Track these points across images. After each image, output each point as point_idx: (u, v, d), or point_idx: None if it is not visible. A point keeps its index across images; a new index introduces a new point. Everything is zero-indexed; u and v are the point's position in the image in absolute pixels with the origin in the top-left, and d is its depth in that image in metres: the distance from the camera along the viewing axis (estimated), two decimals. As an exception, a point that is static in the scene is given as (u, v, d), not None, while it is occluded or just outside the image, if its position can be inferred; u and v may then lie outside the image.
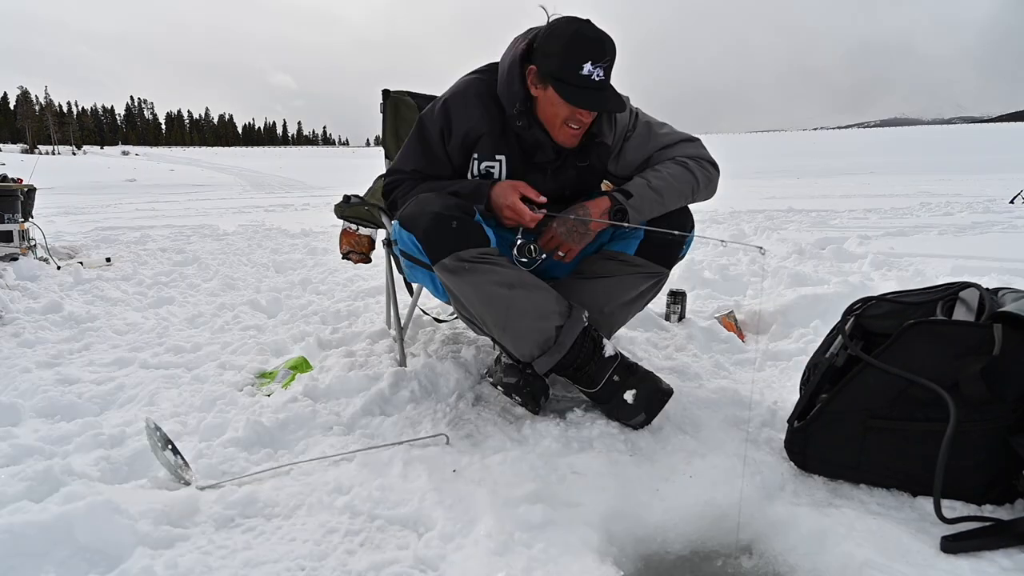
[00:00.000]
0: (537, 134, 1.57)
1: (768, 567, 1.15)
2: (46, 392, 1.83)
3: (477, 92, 1.62)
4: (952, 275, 3.23)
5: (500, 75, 1.60)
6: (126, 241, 5.37)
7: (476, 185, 1.59)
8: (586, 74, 1.43)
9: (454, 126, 1.61)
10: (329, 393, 1.77)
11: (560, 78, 1.45)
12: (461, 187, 1.60)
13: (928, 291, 1.48)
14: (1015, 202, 8.03)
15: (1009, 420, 1.17)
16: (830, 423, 1.30)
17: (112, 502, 1.12)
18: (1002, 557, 1.05)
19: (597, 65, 1.43)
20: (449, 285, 1.53)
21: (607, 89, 1.48)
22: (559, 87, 1.46)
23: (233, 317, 2.74)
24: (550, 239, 1.59)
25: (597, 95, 1.46)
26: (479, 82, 1.63)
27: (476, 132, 1.61)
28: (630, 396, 1.52)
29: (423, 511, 1.23)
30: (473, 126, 1.61)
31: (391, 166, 1.75)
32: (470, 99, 1.61)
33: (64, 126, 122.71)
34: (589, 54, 1.42)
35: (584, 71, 1.42)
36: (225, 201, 11.85)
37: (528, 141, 1.60)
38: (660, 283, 1.71)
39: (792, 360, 2.07)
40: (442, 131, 1.63)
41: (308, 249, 4.89)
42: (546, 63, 1.48)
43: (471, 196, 1.56)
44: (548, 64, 1.47)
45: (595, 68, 1.43)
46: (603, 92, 1.47)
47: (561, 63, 1.44)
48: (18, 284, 3.24)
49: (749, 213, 7.73)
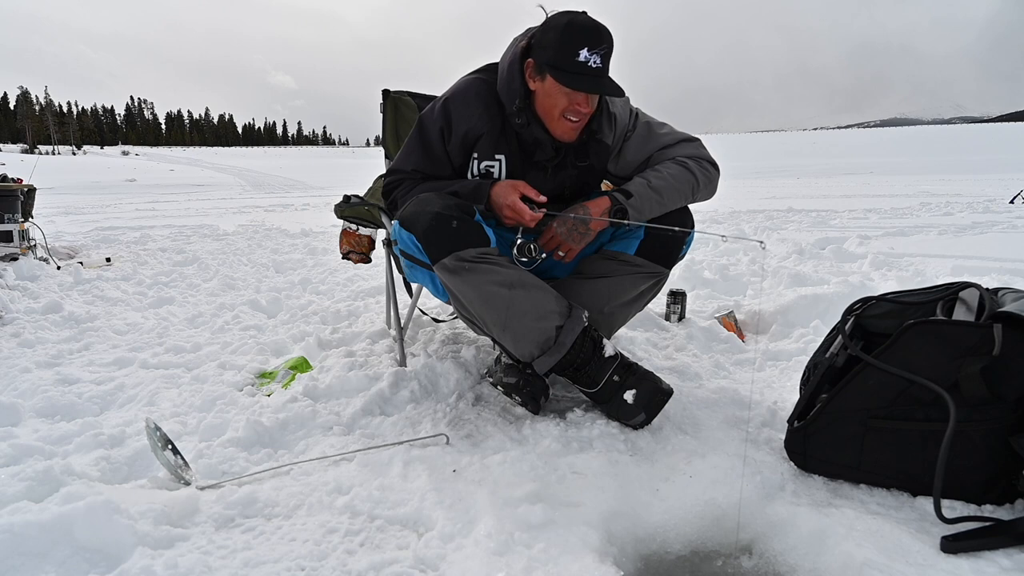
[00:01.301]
0: (536, 131, 1.57)
1: (768, 567, 1.15)
2: (46, 392, 1.83)
3: (477, 92, 1.62)
4: (952, 275, 3.23)
5: (500, 74, 1.60)
6: (126, 241, 5.37)
7: (476, 185, 1.59)
8: (583, 60, 1.43)
9: (454, 126, 1.61)
10: (329, 393, 1.77)
11: (557, 66, 1.45)
12: (461, 187, 1.60)
13: (928, 291, 1.48)
14: (1015, 202, 8.03)
15: (1009, 420, 1.17)
16: (830, 423, 1.30)
17: (112, 502, 1.12)
18: (1002, 557, 1.05)
19: (594, 52, 1.43)
20: (449, 285, 1.53)
21: (604, 75, 1.47)
22: (556, 74, 1.46)
23: (233, 317, 2.73)
24: (550, 239, 1.59)
25: (594, 80, 1.46)
26: (479, 82, 1.63)
27: (476, 132, 1.61)
28: (630, 396, 1.52)
29: (423, 511, 1.23)
30: (473, 125, 1.60)
31: (391, 166, 1.75)
32: (470, 99, 1.61)
33: (64, 126, 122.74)
34: (585, 41, 1.43)
35: (581, 57, 1.43)
36: (225, 201, 11.85)
37: (528, 140, 1.60)
38: (660, 283, 1.71)
39: (792, 360, 2.07)
40: (442, 131, 1.63)
41: (308, 249, 4.89)
42: (543, 53, 1.48)
43: (471, 196, 1.57)
44: (545, 54, 1.47)
45: (592, 55, 1.43)
46: (600, 78, 1.46)
47: (557, 51, 1.45)
48: (18, 284, 3.25)
49: (749, 213, 7.73)
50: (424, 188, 1.62)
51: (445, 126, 1.62)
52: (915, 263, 3.68)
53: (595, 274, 1.66)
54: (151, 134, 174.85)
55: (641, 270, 1.64)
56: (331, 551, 1.12)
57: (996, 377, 1.15)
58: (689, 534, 1.23)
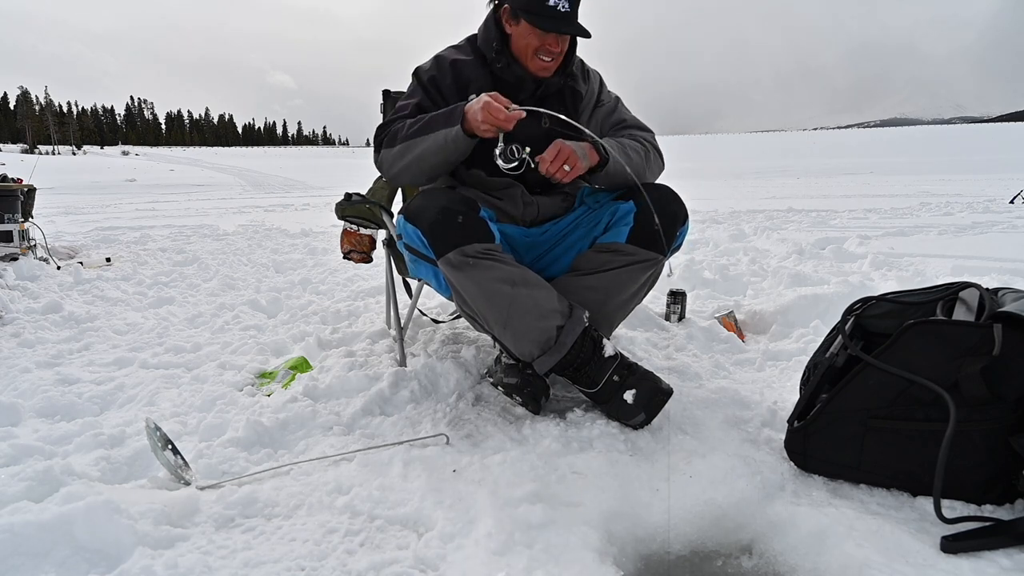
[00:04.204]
0: (516, 69, 1.68)
1: (768, 567, 1.15)
2: (46, 392, 1.83)
3: (462, 46, 1.78)
4: (952, 275, 3.23)
5: (480, 32, 1.74)
6: (126, 241, 5.37)
7: (451, 108, 1.59)
8: (552, 4, 1.54)
9: (447, 70, 1.72)
10: (329, 393, 1.77)
11: (529, 10, 1.57)
12: (439, 112, 1.61)
13: (928, 291, 1.48)
14: (1015, 202, 8.03)
15: (1009, 420, 1.17)
16: (830, 423, 1.30)
17: (112, 502, 1.12)
18: (1002, 557, 1.05)
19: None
20: (452, 280, 1.53)
21: (573, 18, 1.59)
22: (528, 17, 1.57)
23: (233, 317, 2.73)
24: (558, 152, 1.51)
25: (562, 22, 1.57)
26: (463, 44, 1.79)
27: (466, 76, 1.71)
28: (630, 396, 1.52)
29: (423, 511, 1.23)
30: (462, 69, 1.71)
31: (389, 114, 1.79)
32: (460, 48, 1.77)
33: (64, 126, 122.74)
34: None
35: (551, 2, 1.54)
36: (225, 201, 11.85)
37: (510, 80, 1.69)
38: (656, 272, 1.70)
39: (792, 360, 2.07)
40: (433, 77, 1.73)
41: (308, 249, 4.89)
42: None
43: (447, 118, 1.56)
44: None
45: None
46: (568, 19, 1.58)
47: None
48: (18, 284, 3.24)
49: (749, 213, 7.72)
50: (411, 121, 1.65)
51: (438, 73, 1.72)
52: (915, 263, 3.68)
53: (591, 270, 1.65)
54: (151, 134, 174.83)
55: (635, 259, 1.62)
56: (331, 551, 1.12)
57: (996, 377, 1.15)
58: (689, 534, 1.23)
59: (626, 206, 1.63)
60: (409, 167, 1.63)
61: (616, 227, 1.64)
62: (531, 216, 1.78)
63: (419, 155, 1.60)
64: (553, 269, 1.78)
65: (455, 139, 1.53)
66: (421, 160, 1.60)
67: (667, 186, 1.68)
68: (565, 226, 1.80)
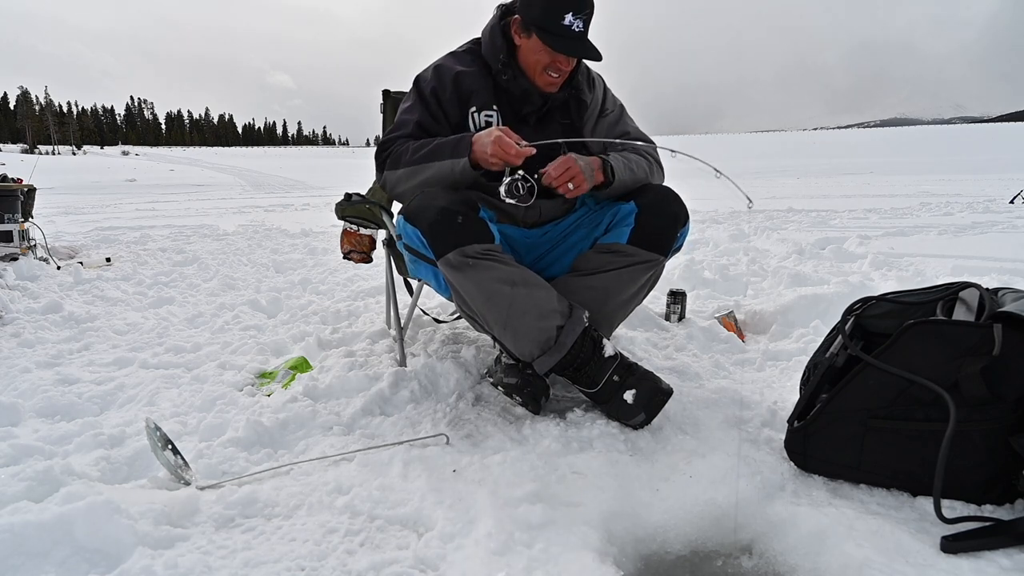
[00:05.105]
0: (523, 82, 1.67)
1: (768, 567, 1.15)
2: (46, 392, 1.83)
3: (463, 54, 1.76)
4: (952, 275, 3.23)
5: (483, 39, 1.72)
6: (126, 241, 5.37)
7: (458, 138, 1.60)
8: (567, 24, 1.53)
9: (448, 82, 1.70)
10: (329, 393, 1.77)
11: (542, 27, 1.56)
12: (445, 140, 1.62)
13: (928, 291, 1.48)
14: (1015, 202, 8.02)
15: (1009, 420, 1.17)
16: (830, 423, 1.30)
17: (112, 502, 1.12)
18: (1002, 557, 1.05)
19: (577, 16, 1.54)
20: (452, 281, 1.53)
21: (585, 39, 1.58)
22: (542, 35, 1.57)
23: (233, 317, 2.73)
24: (566, 170, 1.54)
25: (577, 43, 1.57)
26: (465, 51, 1.77)
27: (468, 87, 1.70)
28: (630, 396, 1.52)
29: (423, 511, 1.23)
30: (464, 80, 1.70)
31: (388, 130, 1.78)
32: (460, 58, 1.75)
33: (64, 126, 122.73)
34: (570, 6, 1.53)
35: (565, 21, 1.53)
36: (225, 201, 11.85)
37: (515, 93, 1.69)
38: (657, 273, 1.70)
39: (792, 360, 2.07)
40: (435, 89, 1.71)
41: (308, 249, 4.89)
42: (529, 12, 1.58)
43: (454, 148, 1.57)
44: (531, 12, 1.58)
45: (575, 19, 1.54)
46: (582, 41, 1.57)
47: (543, 12, 1.55)
48: (18, 284, 3.24)
49: (749, 213, 7.73)
50: (414, 145, 1.64)
51: (439, 84, 1.70)
52: (915, 263, 3.68)
53: (592, 270, 1.65)
54: (151, 134, 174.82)
55: (636, 259, 1.63)
56: (331, 551, 1.12)
57: (996, 377, 1.15)
58: (689, 534, 1.23)
59: (627, 207, 1.64)
60: (414, 191, 1.64)
61: (617, 228, 1.65)
62: (533, 218, 1.78)
63: (424, 181, 1.62)
64: (554, 270, 1.78)
65: (462, 171, 1.56)
66: (426, 185, 1.62)
67: (668, 187, 1.68)
68: (566, 227, 1.80)
